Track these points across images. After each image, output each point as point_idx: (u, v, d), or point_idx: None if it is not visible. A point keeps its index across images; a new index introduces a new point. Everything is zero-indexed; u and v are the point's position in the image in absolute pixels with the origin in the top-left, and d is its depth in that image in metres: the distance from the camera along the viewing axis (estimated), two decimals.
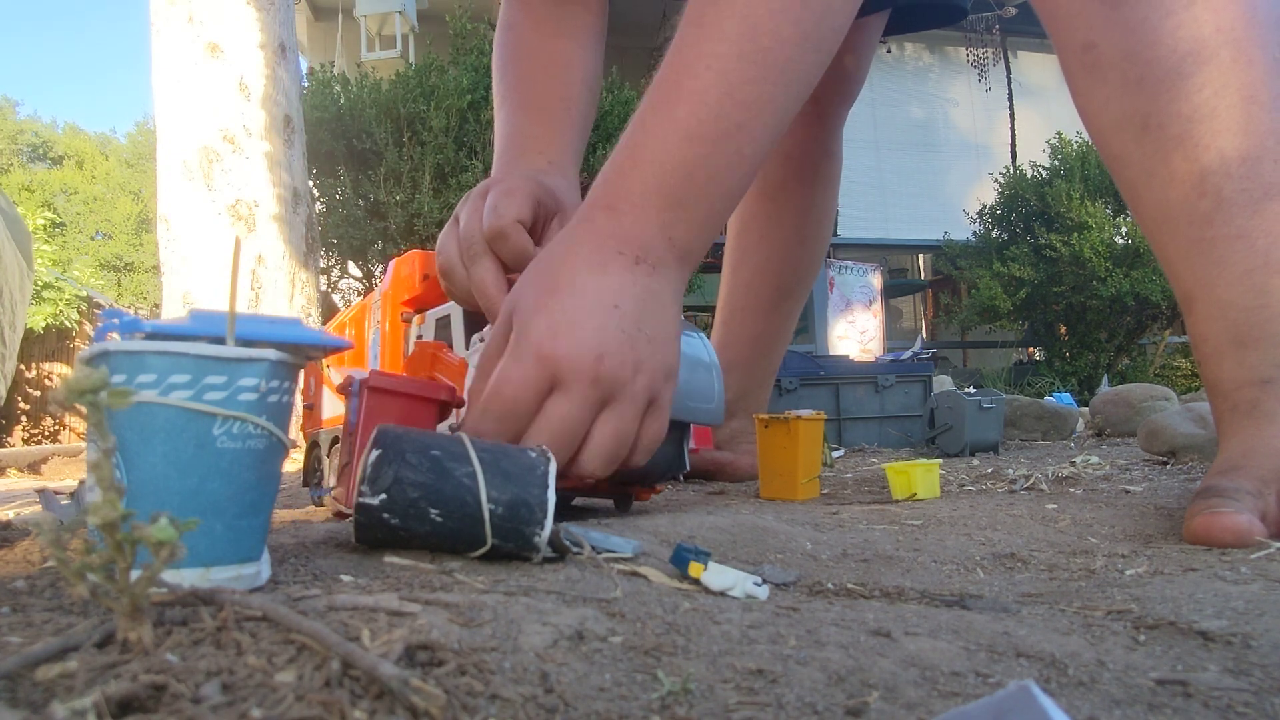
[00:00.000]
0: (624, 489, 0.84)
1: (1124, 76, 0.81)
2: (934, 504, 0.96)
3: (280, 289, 2.77)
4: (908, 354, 2.53)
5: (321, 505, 0.89)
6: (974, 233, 6.09)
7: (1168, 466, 1.29)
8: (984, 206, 6.04)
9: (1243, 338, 0.77)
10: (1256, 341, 0.77)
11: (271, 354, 0.41)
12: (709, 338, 0.99)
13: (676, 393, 0.78)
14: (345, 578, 0.45)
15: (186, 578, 0.38)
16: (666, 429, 0.66)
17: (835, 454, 1.87)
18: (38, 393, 6.47)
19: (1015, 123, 6.89)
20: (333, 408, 1.01)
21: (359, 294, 4.40)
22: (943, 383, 2.72)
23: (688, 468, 0.85)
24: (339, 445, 0.93)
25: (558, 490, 0.74)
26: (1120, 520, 0.81)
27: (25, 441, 6.24)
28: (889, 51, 6.87)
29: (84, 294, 6.99)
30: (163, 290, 2.76)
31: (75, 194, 16.45)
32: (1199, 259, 0.80)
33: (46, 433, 6.43)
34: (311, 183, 3.43)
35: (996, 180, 6.03)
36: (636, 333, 0.63)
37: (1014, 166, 6.18)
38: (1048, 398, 2.82)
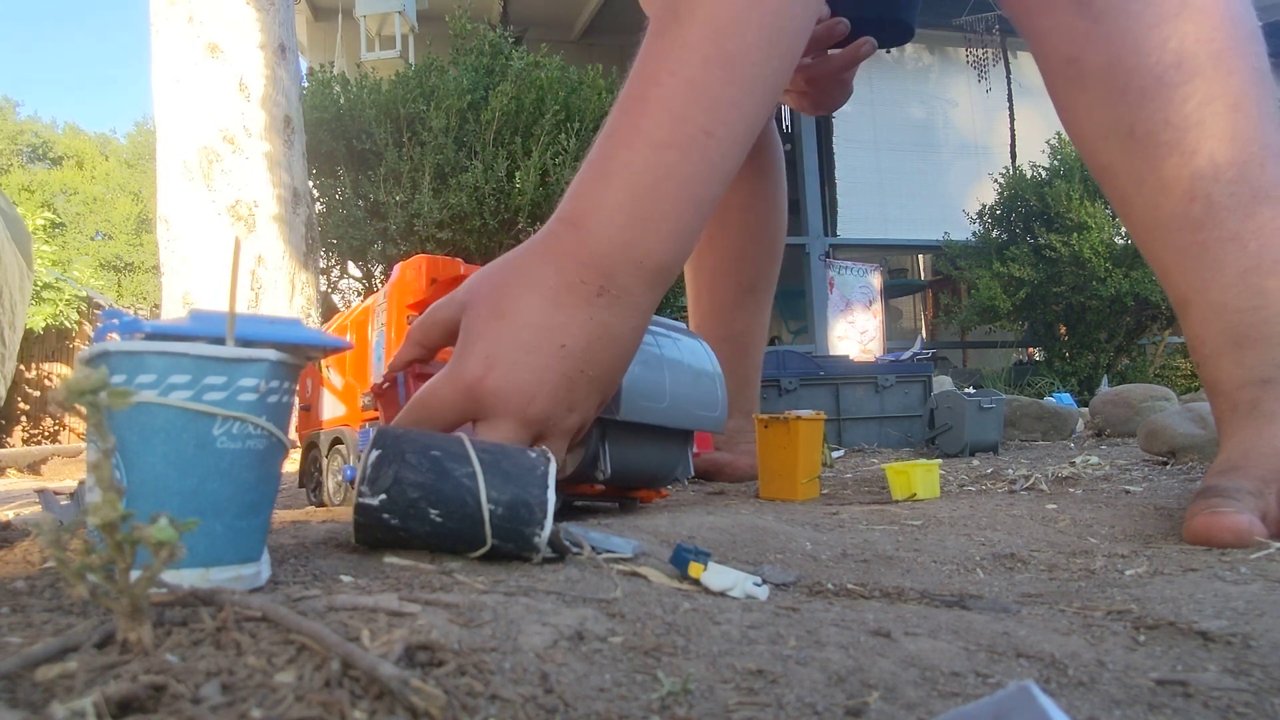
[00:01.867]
0: (629, 493, 0.85)
1: (1108, 86, 0.82)
2: (934, 504, 0.96)
3: (280, 289, 2.77)
4: (908, 354, 2.54)
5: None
6: (974, 233, 6.08)
7: (1168, 466, 1.29)
8: (984, 207, 6.04)
9: (1240, 338, 0.78)
10: (1254, 342, 0.77)
11: (271, 354, 0.41)
12: None
13: (683, 401, 0.79)
14: (345, 578, 0.45)
15: (186, 578, 0.38)
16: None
17: (835, 454, 1.87)
18: (38, 393, 6.47)
19: (1015, 123, 6.89)
20: (331, 409, 1.01)
21: (359, 294, 4.40)
22: (942, 383, 2.72)
23: (692, 473, 0.85)
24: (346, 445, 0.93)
25: (562, 493, 0.75)
26: (1120, 520, 0.81)
27: (25, 442, 6.24)
28: (889, 52, 6.87)
29: (84, 294, 6.99)
30: (163, 290, 2.75)
31: (75, 194, 16.45)
32: (1192, 263, 0.80)
33: (46, 433, 6.43)
34: (311, 183, 3.43)
35: (996, 180, 6.03)
36: (578, 375, 0.60)
37: (1014, 167, 6.18)
38: (1048, 398, 2.82)
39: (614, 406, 0.72)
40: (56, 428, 6.44)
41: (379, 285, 3.71)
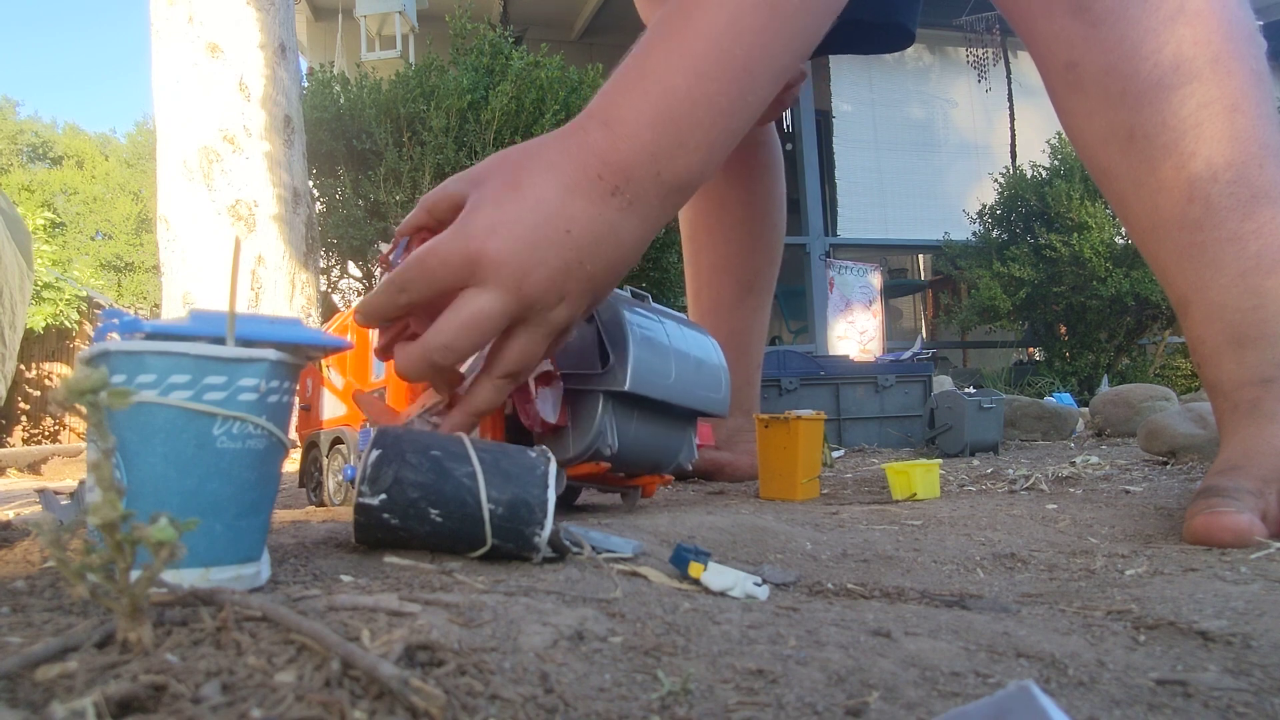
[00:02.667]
0: (632, 482, 0.85)
1: (1106, 91, 0.83)
2: (934, 504, 0.96)
3: (280, 289, 2.77)
4: (908, 354, 2.53)
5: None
6: (974, 233, 6.08)
7: (1168, 466, 1.29)
8: (984, 206, 6.04)
9: (1241, 338, 0.78)
10: (1255, 341, 0.77)
11: (271, 354, 0.41)
12: None
13: (688, 383, 0.79)
14: (345, 578, 0.45)
15: (186, 578, 0.38)
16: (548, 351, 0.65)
17: (835, 454, 1.87)
18: (38, 393, 6.47)
19: (1015, 123, 6.88)
20: (332, 408, 1.01)
21: (359, 294, 4.40)
22: (943, 383, 2.72)
23: (696, 456, 0.86)
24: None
25: (570, 482, 0.75)
26: (1120, 520, 0.81)
27: (25, 441, 6.24)
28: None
29: (84, 294, 6.99)
30: (163, 290, 2.75)
31: (75, 194, 16.45)
32: (1192, 263, 0.81)
33: (46, 433, 6.43)
34: (311, 183, 3.43)
35: (996, 180, 6.02)
36: (576, 266, 0.60)
37: (1014, 166, 6.17)
38: (1048, 398, 2.82)
39: (620, 378, 0.72)
40: (57, 427, 6.44)
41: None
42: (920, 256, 8.08)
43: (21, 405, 6.35)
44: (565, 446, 0.75)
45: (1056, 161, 5.64)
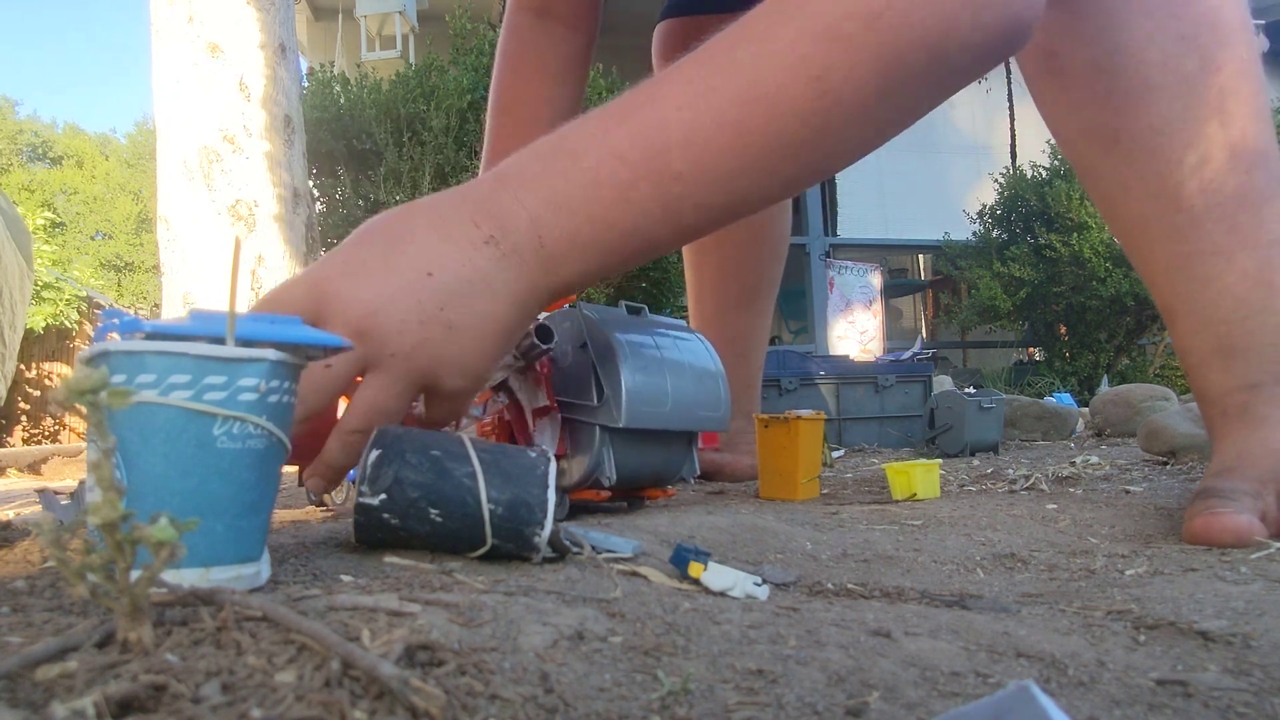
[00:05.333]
0: (635, 493, 0.85)
1: (1091, 90, 0.81)
2: (934, 504, 0.96)
3: None
4: (908, 354, 2.53)
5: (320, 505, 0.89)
6: (974, 233, 6.09)
7: (1168, 466, 1.29)
8: (984, 207, 6.04)
9: (1228, 348, 0.78)
10: (1243, 351, 0.78)
11: (271, 354, 0.41)
12: None
13: (685, 403, 0.78)
14: (345, 578, 0.45)
15: (186, 578, 0.38)
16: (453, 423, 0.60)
17: (835, 454, 1.87)
18: (38, 393, 6.47)
19: (1015, 123, 6.89)
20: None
21: None
22: (943, 383, 2.72)
23: (698, 471, 0.85)
24: None
25: (568, 500, 0.75)
26: (1120, 520, 0.81)
27: (25, 441, 6.24)
28: None
29: (84, 294, 6.99)
30: (163, 290, 2.76)
31: (75, 194, 16.46)
32: (1177, 275, 0.80)
33: (46, 433, 6.43)
34: (311, 183, 3.43)
35: (996, 180, 6.03)
36: (435, 311, 0.54)
37: (1014, 167, 6.18)
38: (1048, 398, 2.82)
39: (616, 415, 0.72)
40: (57, 427, 6.44)
41: None
42: (920, 256, 8.09)
43: (21, 405, 6.35)
44: (565, 475, 0.75)
45: (1056, 161, 5.65)
